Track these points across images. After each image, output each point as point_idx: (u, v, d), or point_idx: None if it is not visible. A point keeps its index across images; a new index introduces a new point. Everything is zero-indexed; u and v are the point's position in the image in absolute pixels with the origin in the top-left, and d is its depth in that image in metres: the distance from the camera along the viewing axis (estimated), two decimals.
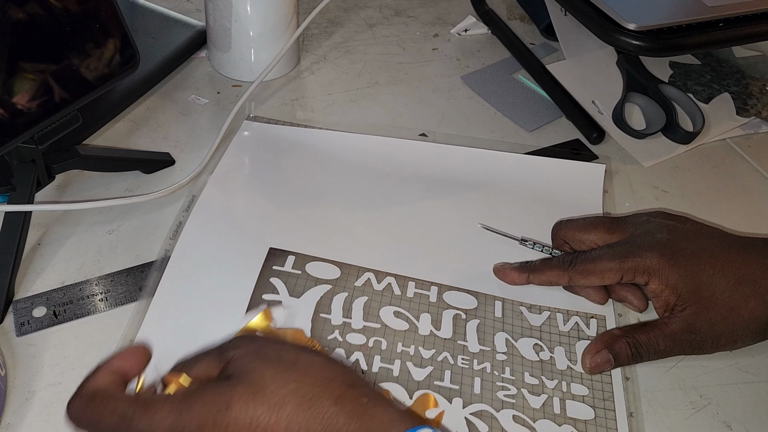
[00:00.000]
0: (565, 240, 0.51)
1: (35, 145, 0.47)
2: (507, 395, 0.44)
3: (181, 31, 0.70)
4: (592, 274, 0.47)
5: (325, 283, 0.49)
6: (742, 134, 0.66)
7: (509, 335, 0.48)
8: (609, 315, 0.50)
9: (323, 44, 0.74)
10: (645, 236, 0.47)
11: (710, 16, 0.62)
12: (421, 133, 0.63)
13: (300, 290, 0.48)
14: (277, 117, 0.63)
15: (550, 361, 0.47)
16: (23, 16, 0.44)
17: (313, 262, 0.50)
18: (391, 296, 0.49)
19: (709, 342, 0.45)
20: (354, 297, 0.48)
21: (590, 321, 0.49)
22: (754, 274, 0.45)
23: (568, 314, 0.49)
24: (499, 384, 0.45)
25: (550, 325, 0.49)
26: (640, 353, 0.45)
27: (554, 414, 0.44)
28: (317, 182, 0.57)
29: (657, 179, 0.61)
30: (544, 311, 0.49)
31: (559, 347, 0.47)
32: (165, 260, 0.50)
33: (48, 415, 0.42)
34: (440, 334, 0.47)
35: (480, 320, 0.48)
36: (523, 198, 0.57)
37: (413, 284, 0.50)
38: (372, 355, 0.45)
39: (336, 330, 0.46)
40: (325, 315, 0.47)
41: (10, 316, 0.47)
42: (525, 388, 0.45)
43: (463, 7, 0.79)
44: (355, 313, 0.47)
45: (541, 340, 0.48)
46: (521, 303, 0.50)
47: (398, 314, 0.48)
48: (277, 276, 0.49)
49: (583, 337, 0.48)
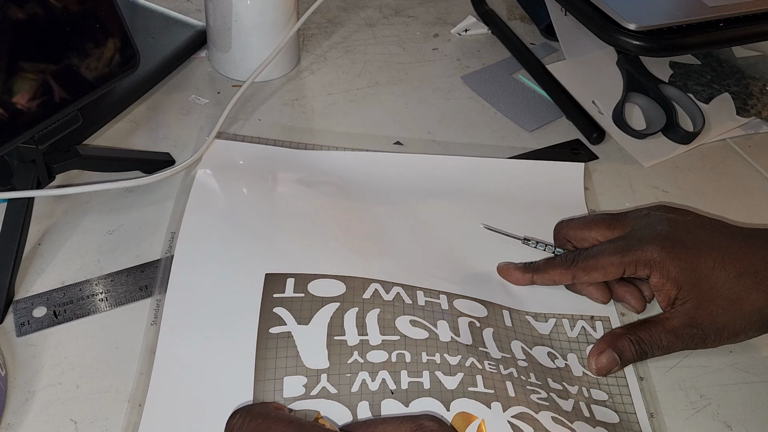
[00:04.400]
0: (567, 239, 0.51)
1: (35, 145, 0.47)
2: (540, 398, 0.42)
3: (181, 31, 0.70)
4: (595, 270, 0.47)
5: (332, 301, 0.46)
6: (743, 134, 0.66)
7: (523, 344, 0.47)
8: (612, 315, 0.49)
9: (323, 44, 0.74)
10: (645, 229, 0.47)
11: (710, 16, 0.62)
12: (396, 141, 0.62)
13: (307, 315, 0.45)
14: (249, 133, 0.61)
15: (566, 368, 0.46)
16: (23, 16, 0.44)
17: (315, 280, 0.47)
18: (404, 305, 0.46)
19: (712, 336, 0.45)
20: (366, 311, 0.45)
21: (596, 323, 0.49)
22: (756, 266, 0.45)
23: (573, 319, 0.49)
24: (530, 388, 0.43)
25: (558, 333, 0.48)
26: (644, 350, 0.45)
27: (585, 417, 0.42)
28: (299, 198, 0.54)
29: (657, 179, 0.61)
30: (549, 318, 0.49)
31: (571, 354, 0.47)
32: (158, 310, 0.47)
33: (48, 415, 0.42)
34: (461, 340, 0.44)
35: (494, 329, 0.47)
36: (507, 202, 0.57)
37: (422, 293, 0.48)
38: (398, 371, 0.42)
39: (355, 351, 0.43)
40: (340, 337, 0.44)
41: (10, 316, 0.47)
42: (553, 392, 0.43)
43: (463, 7, 0.79)
44: (370, 329, 0.44)
45: (553, 348, 0.47)
46: (527, 312, 0.49)
47: (415, 323, 0.45)
48: (279, 304, 0.45)
49: (591, 341, 0.47)
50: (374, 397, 0.41)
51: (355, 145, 0.61)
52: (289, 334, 0.44)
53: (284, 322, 0.45)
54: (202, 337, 0.45)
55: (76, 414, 0.42)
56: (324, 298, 0.46)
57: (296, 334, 0.44)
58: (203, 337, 0.45)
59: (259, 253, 0.49)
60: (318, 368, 0.42)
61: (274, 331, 0.44)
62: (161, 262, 0.50)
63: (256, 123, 0.63)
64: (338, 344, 0.44)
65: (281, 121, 0.64)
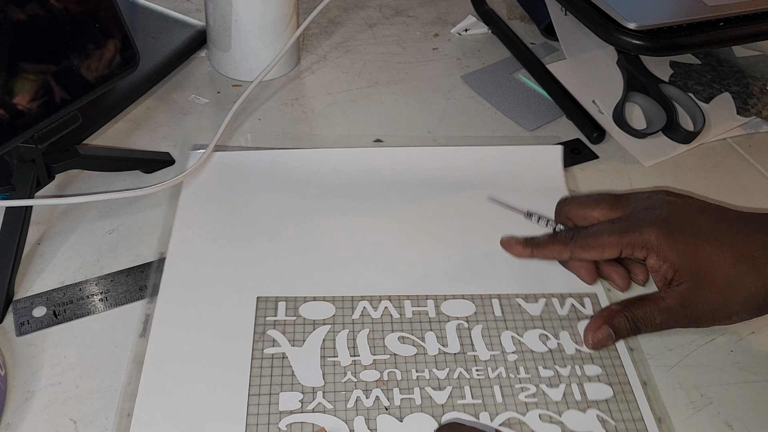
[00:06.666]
0: (569, 216, 0.52)
1: (35, 145, 0.47)
2: (528, 395, 0.44)
3: (181, 31, 0.70)
4: (593, 248, 0.48)
5: (323, 323, 0.47)
6: (743, 134, 0.66)
7: (514, 332, 0.48)
8: (600, 292, 0.51)
9: (323, 44, 0.74)
10: (645, 212, 0.48)
11: (711, 16, 0.62)
12: (376, 138, 0.62)
13: (300, 338, 0.46)
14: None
15: (559, 348, 0.47)
16: (24, 17, 0.44)
17: (305, 303, 0.48)
18: (392, 321, 0.48)
19: (705, 318, 0.46)
20: (356, 332, 0.47)
21: (584, 300, 0.50)
22: (754, 251, 0.46)
23: (562, 297, 0.50)
24: (518, 386, 0.45)
25: (549, 312, 0.49)
26: (638, 326, 0.46)
27: (576, 402, 0.44)
28: (285, 214, 0.54)
29: (657, 179, 0.61)
30: (540, 299, 0.50)
31: (563, 332, 0.48)
32: (146, 331, 0.46)
33: (48, 415, 0.42)
34: (448, 350, 0.46)
35: (482, 324, 0.48)
36: (490, 189, 0.57)
37: (409, 303, 0.49)
38: (390, 389, 0.44)
39: (348, 371, 0.45)
40: (333, 358, 0.45)
41: (10, 316, 0.47)
42: (543, 383, 0.45)
43: (464, 6, 0.79)
44: (361, 349, 0.46)
45: (545, 329, 0.48)
46: (516, 295, 0.50)
47: (403, 339, 0.47)
48: (273, 327, 0.47)
49: (582, 317, 0.49)
50: (369, 413, 0.43)
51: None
52: (284, 355, 0.45)
53: (279, 344, 0.46)
54: (194, 353, 0.45)
55: (76, 413, 0.42)
56: (315, 321, 0.47)
57: (291, 355, 0.45)
58: (195, 353, 0.45)
59: (247, 277, 0.50)
60: (314, 386, 0.44)
61: (269, 351, 0.45)
62: (152, 269, 0.50)
63: (256, 122, 0.63)
64: (332, 365, 0.45)
65: (281, 121, 0.64)
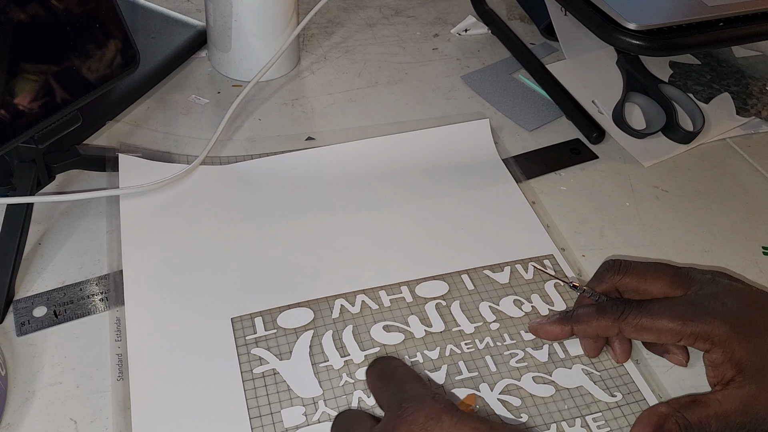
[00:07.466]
0: (617, 286, 0.46)
1: (35, 145, 0.47)
2: (518, 360, 0.45)
3: (181, 31, 0.70)
4: (648, 331, 0.42)
5: (305, 330, 0.46)
6: (742, 134, 0.66)
7: (489, 302, 0.49)
8: (555, 252, 0.52)
9: (323, 44, 0.74)
10: (713, 300, 0.42)
11: (710, 16, 0.62)
12: (308, 137, 0.62)
13: (286, 349, 0.45)
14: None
15: (533, 311, 0.48)
16: (25, 18, 0.44)
17: (282, 313, 0.47)
18: (372, 313, 0.47)
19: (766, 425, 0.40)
20: (339, 331, 0.46)
21: (544, 262, 0.52)
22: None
23: (524, 263, 0.52)
24: (507, 353, 0.46)
25: (515, 278, 0.51)
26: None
27: (562, 359, 0.46)
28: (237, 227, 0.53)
29: (657, 179, 0.61)
30: (504, 267, 0.51)
31: (533, 295, 0.50)
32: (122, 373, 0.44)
33: (48, 415, 0.42)
34: (434, 329, 0.47)
35: (459, 300, 0.49)
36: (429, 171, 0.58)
37: (384, 292, 0.49)
38: None
39: (342, 374, 0.44)
40: (324, 363, 0.45)
41: (10, 316, 0.47)
42: (528, 346, 0.46)
43: (463, 7, 0.79)
44: (350, 347, 0.45)
45: (516, 294, 0.49)
46: (483, 267, 0.51)
47: (388, 328, 0.47)
48: (255, 345, 0.45)
49: (546, 279, 0.51)
50: (375, 411, 0.42)
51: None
52: (274, 371, 0.44)
53: (267, 361, 0.45)
54: (181, 391, 0.43)
55: (76, 413, 0.42)
56: (297, 328, 0.46)
57: (281, 369, 0.44)
58: (182, 391, 0.43)
59: (215, 299, 0.48)
60: (313, 396, 0.43)
61: (258, 370, 0.44)
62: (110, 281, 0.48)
63: (256, 122, 0.63)
64: (325, 370, 0.44)
65: (281, 121, 0.64)
